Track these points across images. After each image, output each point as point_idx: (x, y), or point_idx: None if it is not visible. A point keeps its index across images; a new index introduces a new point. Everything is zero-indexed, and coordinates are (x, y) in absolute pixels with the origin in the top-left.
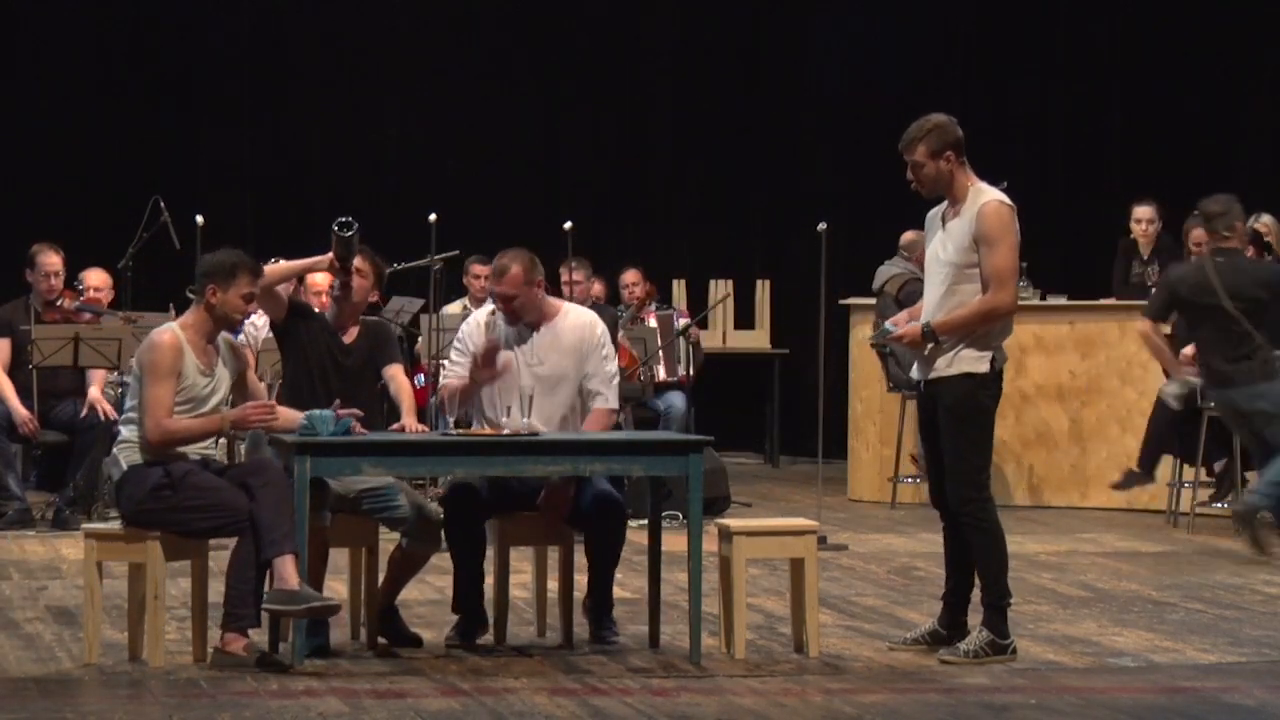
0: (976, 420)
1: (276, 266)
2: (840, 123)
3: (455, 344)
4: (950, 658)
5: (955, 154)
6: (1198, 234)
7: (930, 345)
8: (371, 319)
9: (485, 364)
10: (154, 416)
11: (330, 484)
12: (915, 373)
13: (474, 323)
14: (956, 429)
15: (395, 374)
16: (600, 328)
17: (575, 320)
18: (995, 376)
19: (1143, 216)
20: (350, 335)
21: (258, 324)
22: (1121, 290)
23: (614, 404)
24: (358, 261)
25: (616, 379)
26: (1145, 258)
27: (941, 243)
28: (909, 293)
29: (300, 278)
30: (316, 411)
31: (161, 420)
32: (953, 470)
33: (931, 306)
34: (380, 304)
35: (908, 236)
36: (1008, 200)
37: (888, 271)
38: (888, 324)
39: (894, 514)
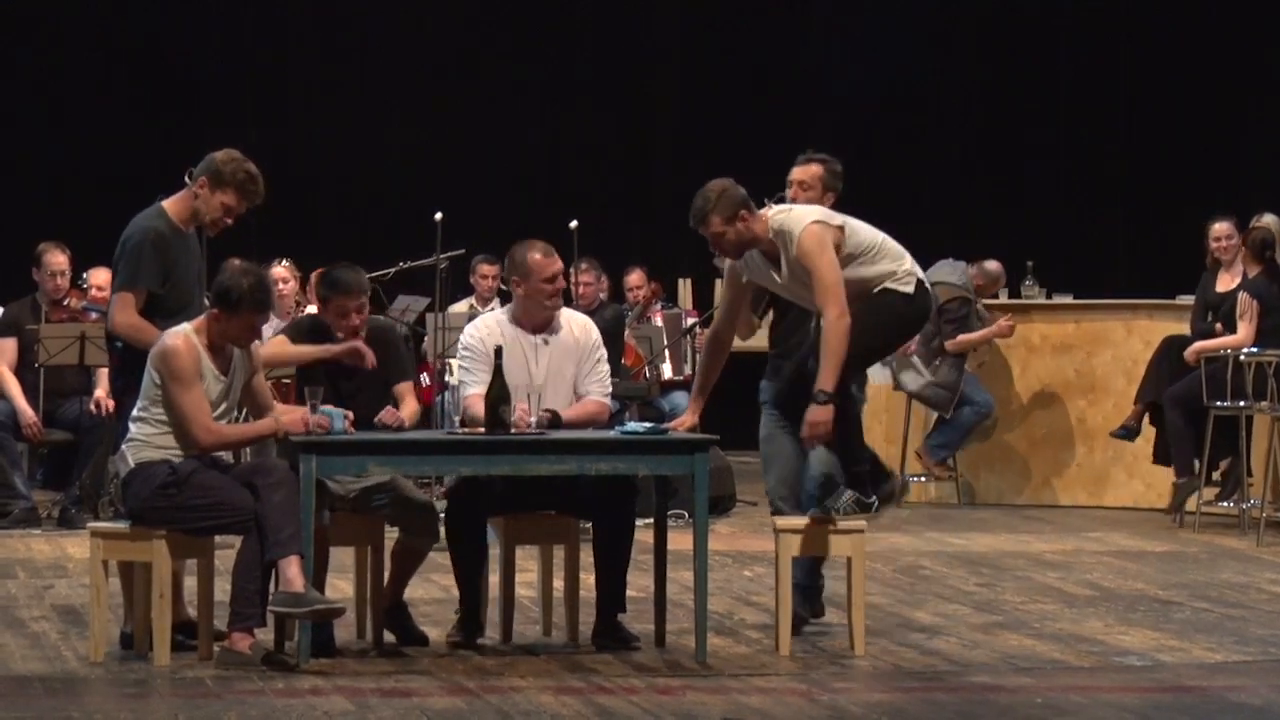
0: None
1: (281, 352)
2: (847, 121)
3: (465, 353)
4: (818, 514)
5: (747, 210)
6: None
7: (830, 404)
8: (378, 322)
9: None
10: (200, 423)
11: (328, 484)
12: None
13: (477, 336)
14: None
15: (405, 395)
16: (594, 332)
17: (572, 324)
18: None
19: (1221, 234)
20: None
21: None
22: (1201, 324)
23: (601, 398)
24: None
25: (608, 376)
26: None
27: (789, 284)
28: (952, 311)
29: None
30: (332, 408)
31: (210, 426)
32: None
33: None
34: (386, 302)
35: (993, 264)
36: (792, 216)
37: (945, 274)
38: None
39: (900, 513)
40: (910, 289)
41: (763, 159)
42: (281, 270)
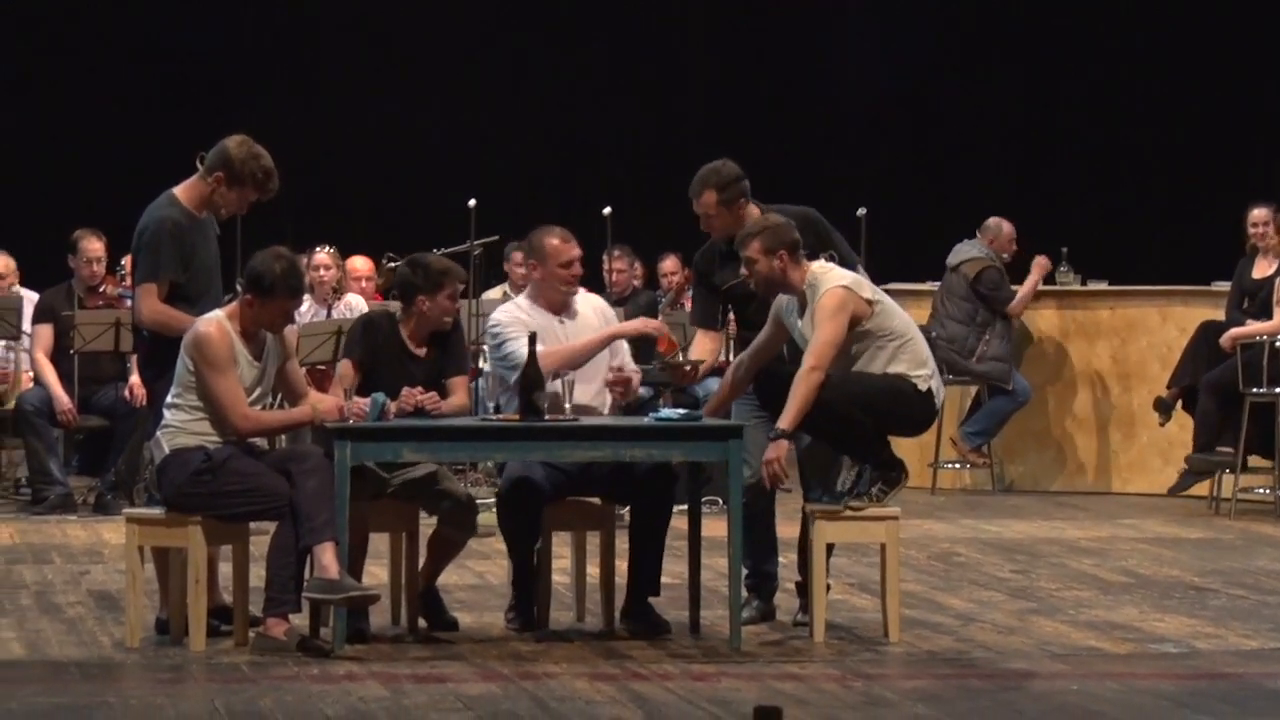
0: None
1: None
2: (878, 106)
3: (498, 327)
4: (856, 504)
5: (789, 253)
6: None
7: (784, 441)
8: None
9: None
10: (236, 410)
11: (375, 472)
12: None
13: (509, 315)
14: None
15: (456, 388)
16: (609, 310)
17: (588, 302)
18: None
19: (1259, 220)
20: (421, 350)
21: (360, 307)
22: (1237, 312)
23: (635, 368)
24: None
25: (627, 349)
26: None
27: (805, 332)
28: (991, 278)
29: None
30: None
31: (246, 412)
32: None
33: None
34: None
35: (993, 220)
36: (830, 275)
37: (966, 251)
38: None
39: (934, 499)
40: (925, 388)
41: (799, 142)
42: (324, 257)
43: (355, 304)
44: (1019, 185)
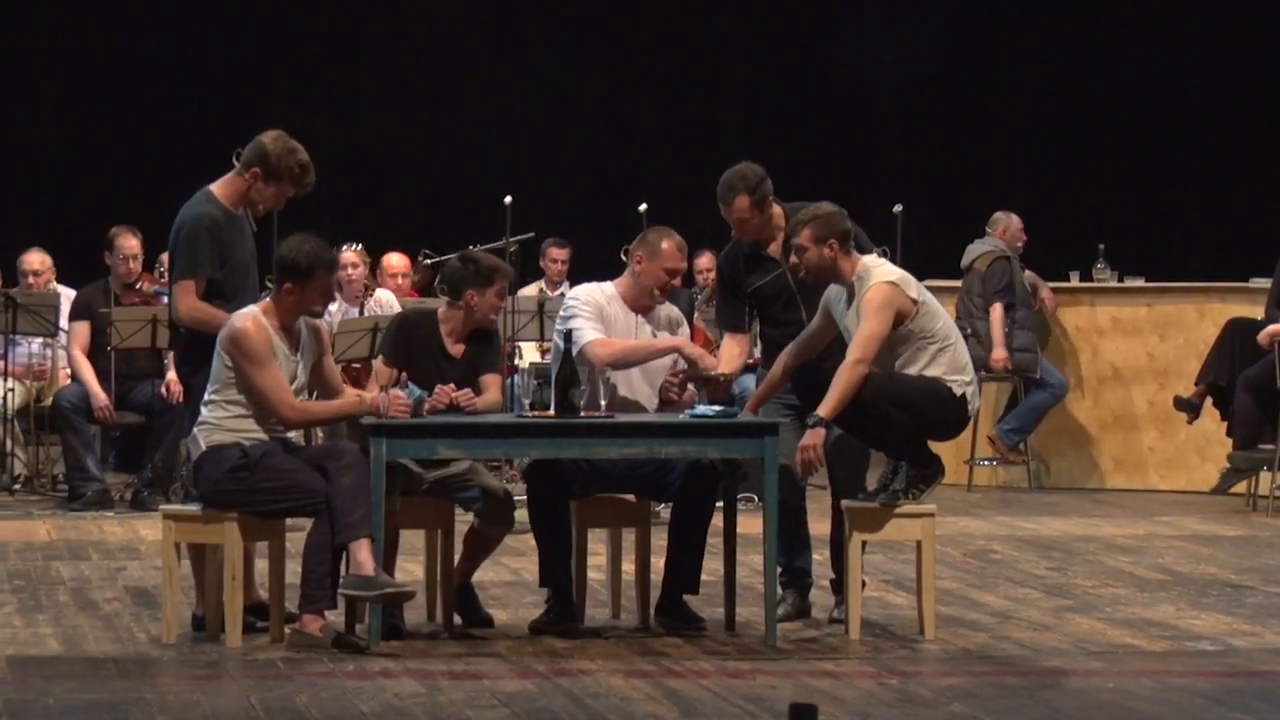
0: None
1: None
2: (910, 101)
3: (575, 304)
4: (892, 501)
5: (840, 242)
6: None
7: (822, 429)
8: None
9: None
10: (283, 401)
11: (411, 467)
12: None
13: (588, 296)
14: None
15: (490, 385)
16: (685, 324)
17: (664, 309)
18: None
19: None
20: (458, 349)
21: (331, 309)
22: (1275, 312)
23: None
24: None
25: None
26: None
27: (849, 324)
28: (997, 270)
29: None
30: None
31: (294, 403)
32: None
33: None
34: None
35: (1000, 214)
36: (879, 269)
37: (977, 249)
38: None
39: (970, 497)
40: (960, 392)
41: (834, 138)
42: (351, 255)
43: (386, 300)
44: (1056, 181)
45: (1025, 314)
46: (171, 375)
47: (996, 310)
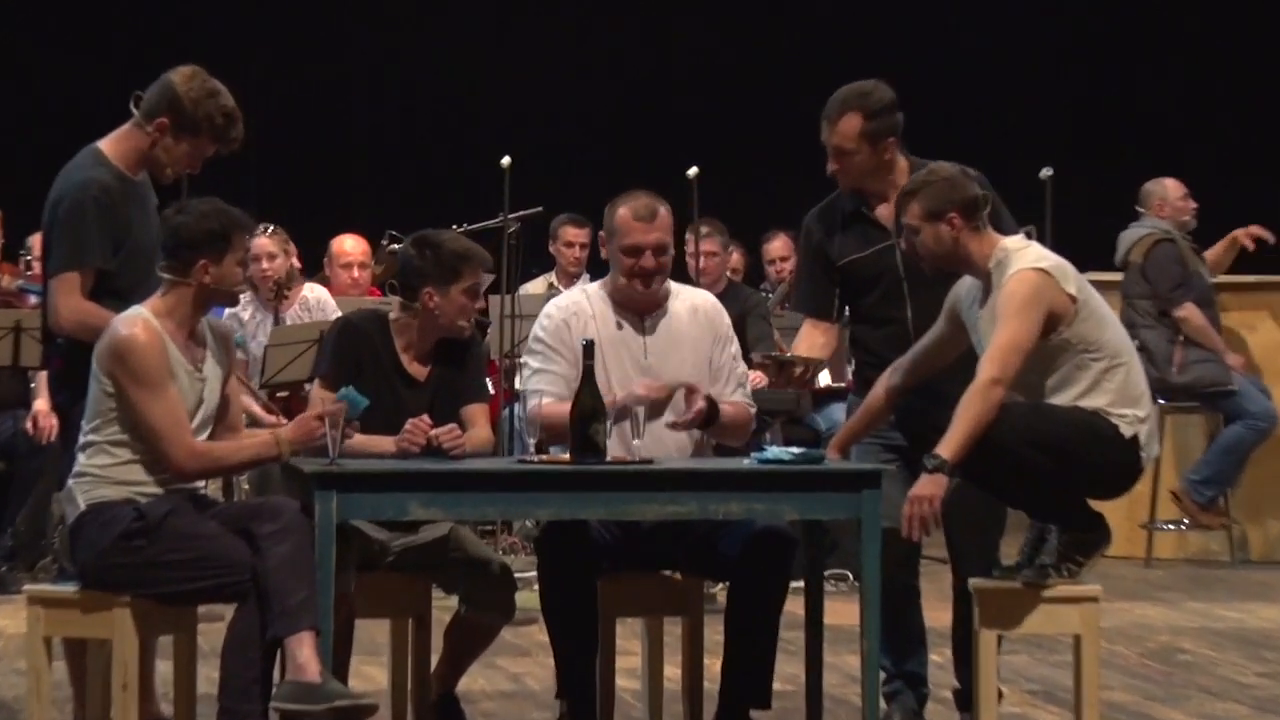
0: None
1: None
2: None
3: (534, 344)
4: (1038, 579)
5: (964, 219)
6: None
7: (942, 474)
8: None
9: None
10: (180, 441)
11: (371, 533)
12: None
13: (556, 318)
14: None
15: (476, 419)
16: (723, 316)
17: (691, 304)
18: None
19: None
20: (419, 369)
21: (242, 316)
22: None
23: (747, 403)
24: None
25: (746, 374)
26: None
27: (985, 327)
28: (1161, 256)
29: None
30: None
31: (193, 445)
32: None
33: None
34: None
35: (1151, 184)
36: (1025, 253)
37: (1132, 236)
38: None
39: (1149, 574)
40: (1132, 432)
41: (960, 91)
42: (265, 241)
43: (317, 299)
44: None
45: (1206, 312)
46: (41, 405)
47: (1189, 311)
